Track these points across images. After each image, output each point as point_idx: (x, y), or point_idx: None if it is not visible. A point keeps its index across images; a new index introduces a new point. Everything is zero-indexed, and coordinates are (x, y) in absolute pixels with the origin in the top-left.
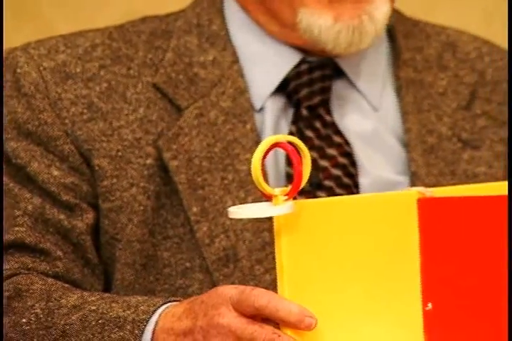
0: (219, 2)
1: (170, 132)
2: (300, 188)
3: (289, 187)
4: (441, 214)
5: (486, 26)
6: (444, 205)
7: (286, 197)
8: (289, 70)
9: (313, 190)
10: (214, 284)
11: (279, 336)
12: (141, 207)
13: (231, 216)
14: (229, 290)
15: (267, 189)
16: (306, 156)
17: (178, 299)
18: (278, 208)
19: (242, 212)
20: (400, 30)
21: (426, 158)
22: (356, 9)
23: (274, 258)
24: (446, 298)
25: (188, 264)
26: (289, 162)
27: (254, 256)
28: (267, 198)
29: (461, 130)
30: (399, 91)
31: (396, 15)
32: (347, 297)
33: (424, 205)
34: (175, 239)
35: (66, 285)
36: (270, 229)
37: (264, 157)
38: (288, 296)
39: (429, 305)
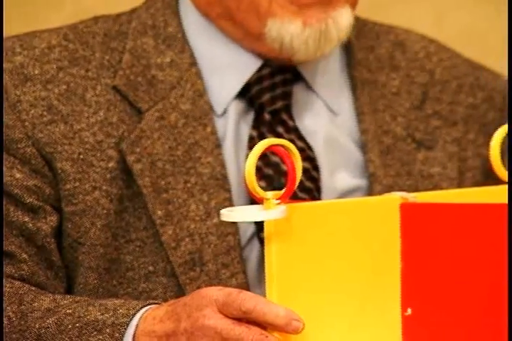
0: (174, 4)
1: (132, 135)
2: (292, 192)
3: (282, 191)
4: (423, 219)
5: (438, 29)
6: (426, 211)
7: (278, 201)
8: (250, 75)
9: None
10: (179, 288)
11: (267, 337)
12: (104, 211)
13: (223, 218)
14: (213, 292)
15: (260, 193)
16: (298, 160)
17: (157, 302)
18: (271, 212)
19: (235, 215)
20: (351, 30)
21: (383, 159)
22: (322, 13)
23: (238, 262)
24: (426, 303)
25: (151, 268)
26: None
27: (220, 260)
28: (259, 201)
29: (415, 130)
30: (354, 91)
31: None
32: (331, 301)
33: (407, 210)
34: (137, 243)
35: (33, 288)
36: (234, 234)
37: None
38: (276, 299)
39: (409, 311)
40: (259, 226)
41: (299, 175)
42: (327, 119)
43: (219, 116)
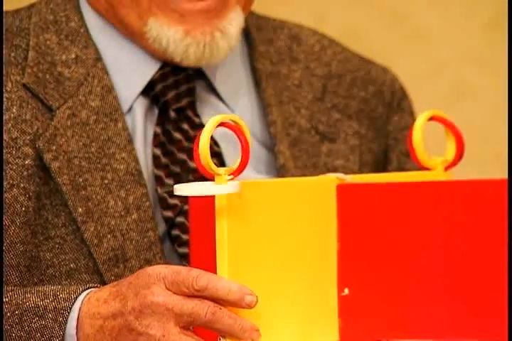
0: None
1: (47, 133)
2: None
3: (234, 167)
4: (359, 200)
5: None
6: (362, 191)
7: (231, 177)
8: (153, 74)
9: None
10: (103, 285)
11: (220, 309)
12: (23, 208)
13: (176, 193)
14: (160, 269)
15: (214, 168)
16: (248, 136)
17: (96, 285)
18: (225, 186)
19: (188, 189)
20: (252, 24)
21: (291, 151)
22: (208, 25)
23: (160, 257)
24: (363, 283)
25: (72, 265)
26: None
27: (143, 255)
28: (210, 178)
29: (318, 122)
30: (259, 84)
31: None
32: (277, 278)
33: (343, 191)
34: (57, 240)
35: None
36: (154, 229)
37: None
38: (227, 274)
39: (346, 291)
40: (171, 224)
41: (250, 149)
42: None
43: (126, 113)
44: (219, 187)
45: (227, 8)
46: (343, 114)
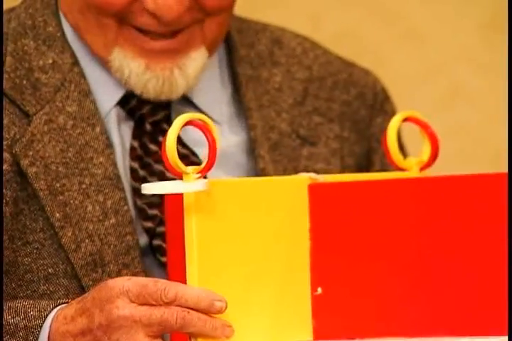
0: (53, 4)
1: (24, 138)
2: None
3: (202, 166)
4: (331, 199)
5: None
6: (334, 190)
7: (198, 175)
8: (125, 91)
9: (163, 201)
10: (82, 289)
11: (189, 312)
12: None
13: (144, 191)
14: (123, 283)
15: (182, 167)
16: (216, 136)
17: (67, 301)
18: (192, 184)
19: (155, 187)
20: (233, 27)
21: (271, 155)
22: (168, 61)
23: (139, 262)
24: (336, 283)
25: (50, 270)
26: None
27: (121, 260)
28: (179, 177)
29: (298, 126)
30: (239, 88)
31: None
32: (248, 278)
33: (315, 191)
34: (35, 245)
35: None
36: (133, 233)
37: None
38: (197, 272)
39: (319, 290)
40: (152, 235)
41: (218, 148)
42: None
43: (103, 119)
44: (186, 185)
45: (190, 48)
46: (324, 117)
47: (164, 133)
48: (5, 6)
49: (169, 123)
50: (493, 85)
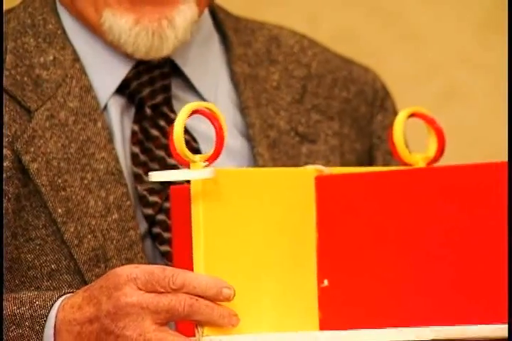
0: (51, 2)
1: (25, 134)
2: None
3: (210, 153)
4: (338, 191)
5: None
6: (341, 182)
7: (206, 163)
8: (126, 73)
9: (164, 188)
10: (85, 285)
11: (197, 300)
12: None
13: (152, 179)
14: (131, 270)
15: (189, 155)
16: (223, 122)
17: (71, 290)
18: (200, 172)
19: (164, 174)
20: (229, 26)
21: (270, 153)
22: (156, 13)
23: (142, 257)
24: (343, 275)
25: (53, 266)
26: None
27: (124, 255)
28: (185, 165)
29: (297, 124)
30: (237, 86)
31: (223, 11)
32: (255, 268)
33: (322, 183)
34: (38, 241)
35: None
36: (135, 228)
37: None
38: (204, 260)
39: (325, 282)
40: (151, 222)
41: (225, 136)
42: None
43: (103, 111)
44: (194, 173)
45: (179, 0)
46: (323, 114)
47: (164, 116)
48: (5, 6)
49: (169, 106)
50: (490, 85)
